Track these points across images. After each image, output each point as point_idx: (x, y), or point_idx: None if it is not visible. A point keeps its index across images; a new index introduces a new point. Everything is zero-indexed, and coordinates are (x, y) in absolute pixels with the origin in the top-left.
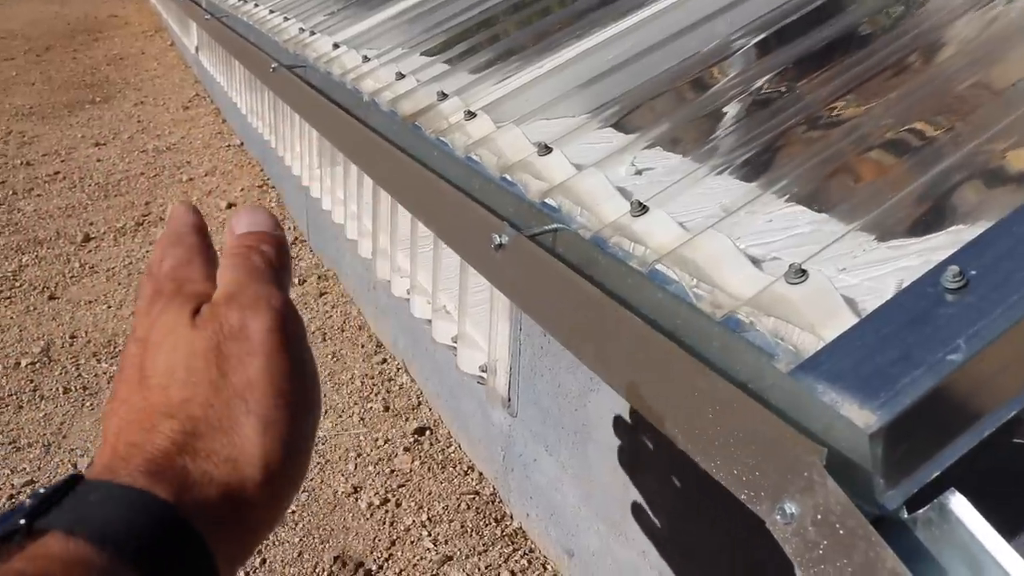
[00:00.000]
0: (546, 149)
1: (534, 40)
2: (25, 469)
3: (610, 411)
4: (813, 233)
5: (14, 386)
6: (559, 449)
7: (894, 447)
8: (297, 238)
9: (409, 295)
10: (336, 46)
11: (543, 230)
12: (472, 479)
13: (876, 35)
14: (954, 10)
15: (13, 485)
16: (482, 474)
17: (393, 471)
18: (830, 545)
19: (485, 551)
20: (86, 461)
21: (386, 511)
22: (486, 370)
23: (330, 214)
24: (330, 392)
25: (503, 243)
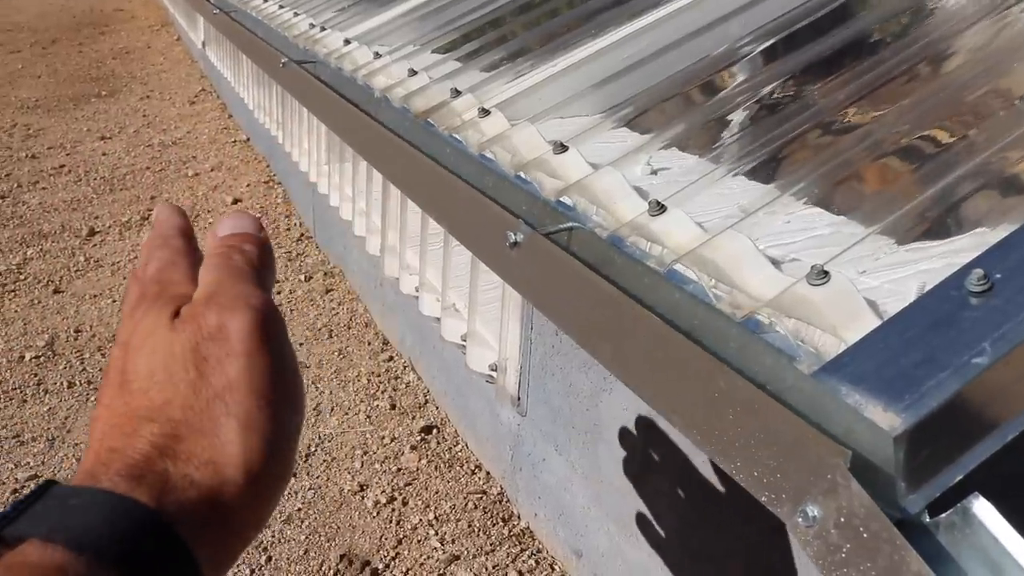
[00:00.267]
0: (562, 147)
1: (547, 39)
2: (29, 463)
3: (623, 411)
4: (832, 235)
5: (18, 380)
6: (569, 449)
7: (917, 450)
8: (303, 234)
9: (418, 292)
10: (347, 42)
11: (559, 228)
12: (479, 478)
13: (892, 40)
14: (968, 17)
15: (17, 479)
16: (489, 473)
17: (400, 469)
18: (853, 548)
19: (492, 551)
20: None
21: (393, 509)
22: (496, 369)
23: (338, 210)
24: (336, 389)
25: (518, 241)
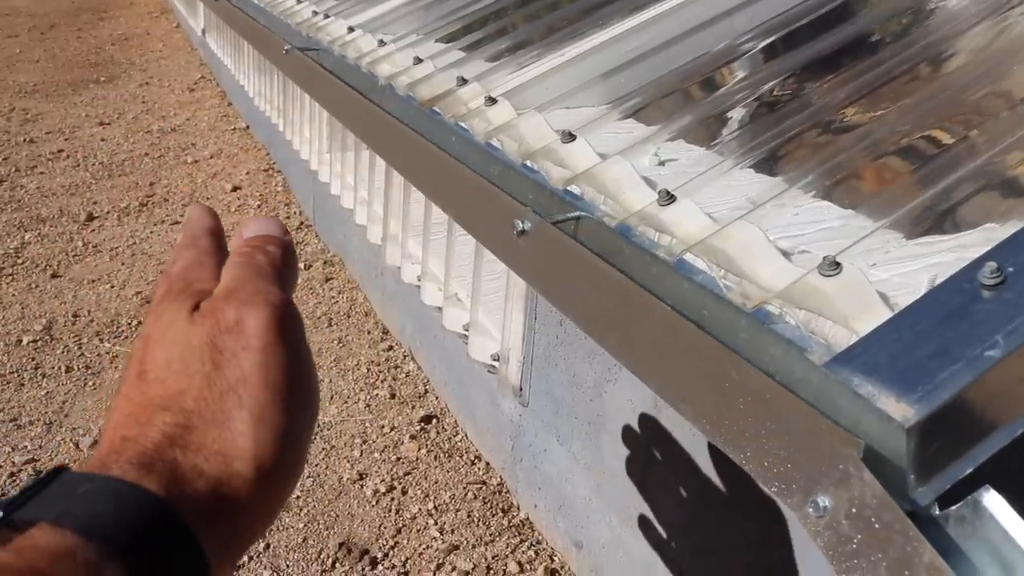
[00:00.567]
0: (570, 136)
1: (553, 29)
2: (27, 447)
3: (627, 402)
4: (842, 228)
5: (16, 364)
6: (571, 439)
7: (929, 442)
8: (303, 223)
9: (420, 282)
10: (351, 29)
11: (566, 217)
12: (479, 468)
13: (898, 37)
14: (978, 14)
15: (14, 463)
16: (489, 464)
17: (399, 459)
18: (864, 539)
19: (492, 541)
20: (88, 440)
21: (392, 499)
22: (498, 359)
23: (339, 199)
24: (336, 378)
25: (525, 229)
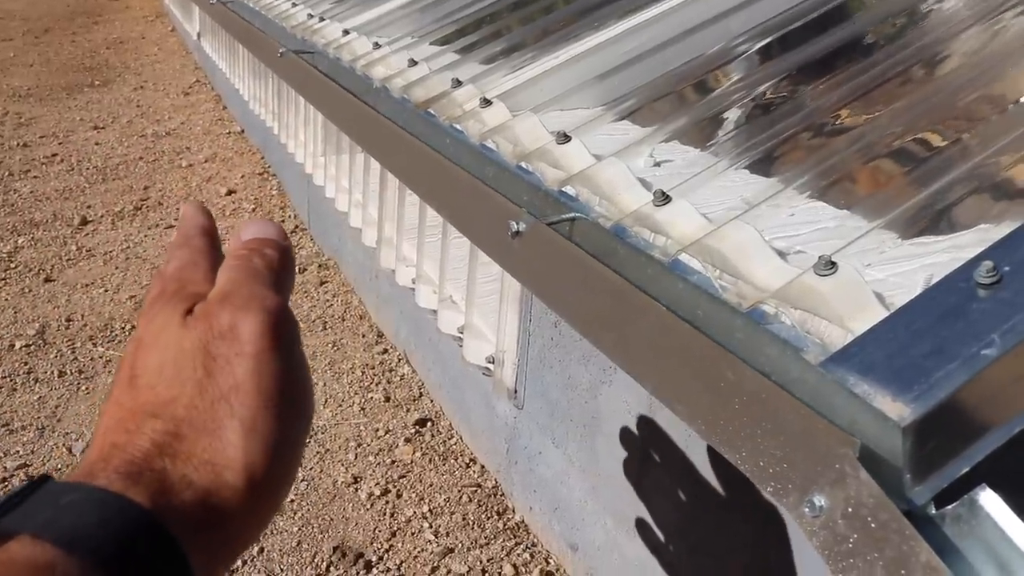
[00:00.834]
0: (565, 138)
1: (548, 31)
2: (19, 452)
3: (623, 404)
4: (837, 228)
5: (8, 368)
6: (567, 442)
7: (925, 441)
8: (298, 226)
9: (414, 285)
10: (346, 32)
11: (561, 219)
12: (474, 471)
13: (896, 35)
14: (972, 16)
15: (6, 468)
16: (484, 467)
17: (394, 462)
18: (861, 539)
19: (487, 544)
20: (80, 445)
21: (386, 502)
22: (493, 361)
23: (333, 202)
24: (330, 381)
25: (520, 231)
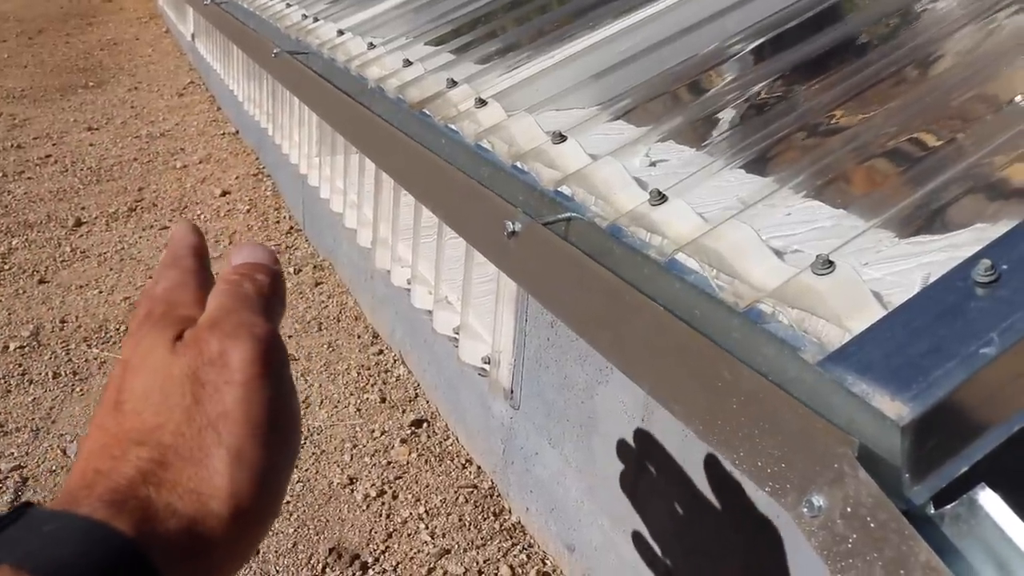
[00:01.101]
0: (560, 137)
1: (542, 31)
2: (13, 454)
3: (619, 403)
4: (834, 227)
5: (2, 370)
6: (563, 442)
7: (924, 440)
8: (292, 227)
9: (410, 285)
10: (340, 33)
11: (557, 218)
12: (470, 472)
13: (890, 35)
14: (965, 16)
15: (1, 470)
16: (480, 467)
17: (390, 463)
18: (860, 539)
19: (484, 545)
20: (75, 447)
21: (382, 503)
22: (489, 362)
23: (328, 203)
24: (325, 382)
25: (516, 231)
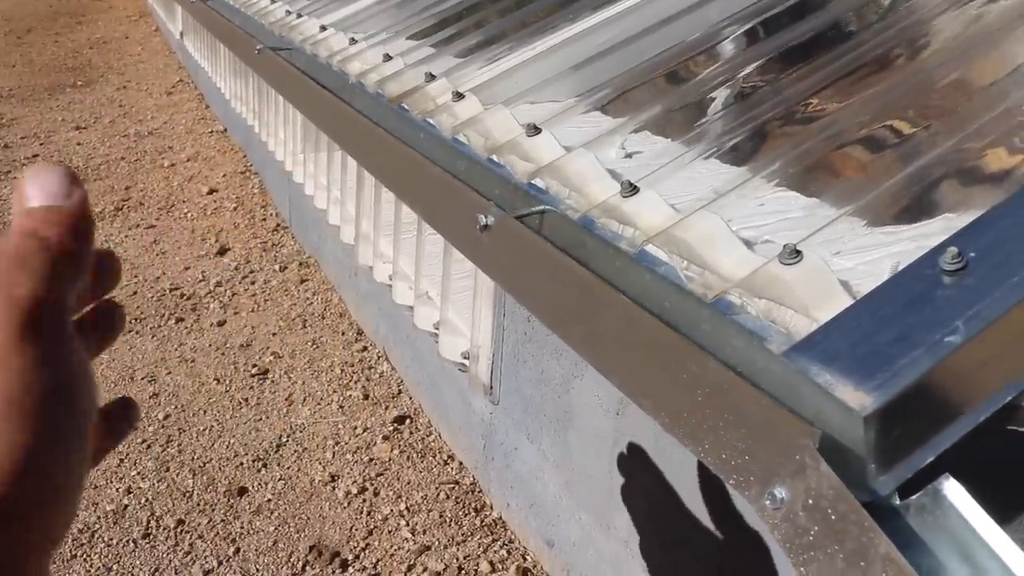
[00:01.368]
0: (535, 130)
1: (523, 24)
2: None
3: (594, 398)
4: (806, 217)
5: None
6: (541, 437)
7: (889, 430)
8: (279, 224)
9: (391, 281)
10: (323, 28)
11: (530, 211)
12: (452, 468)
13: (864, 28)
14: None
15: None
16: (462, 463)
17: (372, 460)
18: (821, 531)
19: (464, 541)
20: None
21: (364, 500)
22: (468, 357)
23: (313, 199)
24: (309, 380)
25: (488, 224)
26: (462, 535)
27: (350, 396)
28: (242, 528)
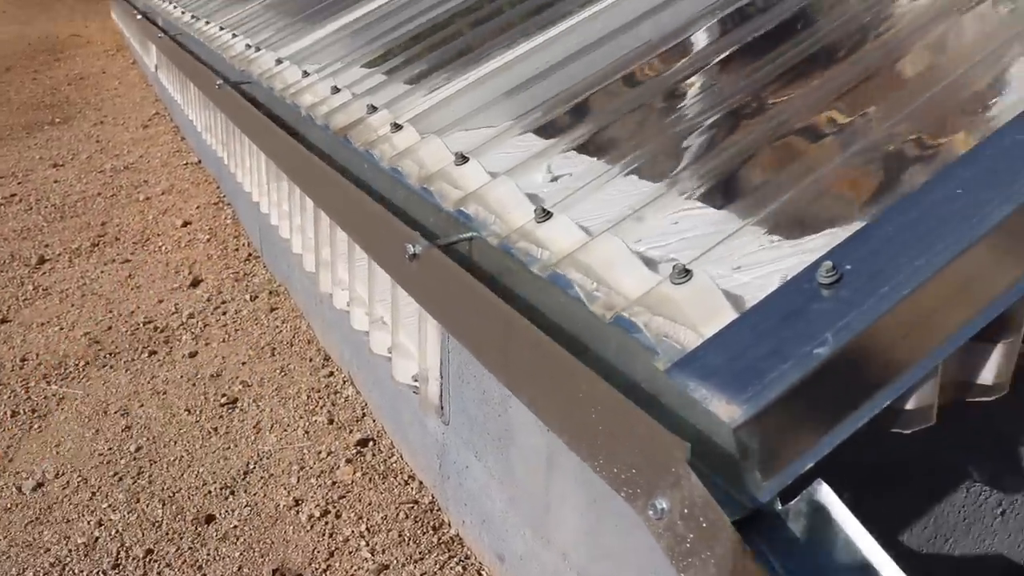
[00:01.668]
0: (463, 159)
1: (462, 51)
2: None
3: (530, 416)
4: (710, 234)
5: None
6: (487, 455)
7: (764, 440)
8: (251, 254)
9: (349, 307)
10: (279, 61)
11: (456, 239)
12: (412, 488)
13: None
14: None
15: None
16: (422, 483)
17: (335, 483)
18: (696, 538)
19: (421, 559)
20: (31, 483)
21: (326, 523)
22: (418, 379)
23: (278, 229)
24: (276, 407)
25: (416, 253)
26: (420, 553)
27: (315, 421)
28: (208, 555)
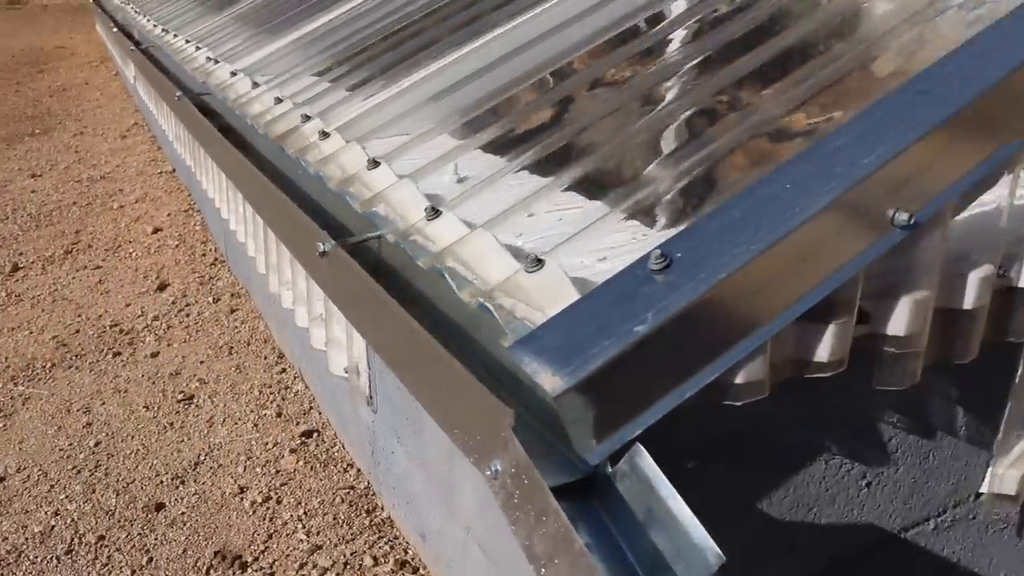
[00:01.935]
0: (374, 163)
1: (400, 60)
2: None
3: None
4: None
5: None
6: (407, 440)
7: (587, 408)
8: (217, 259)
9: (294, 306)
10: (233, 74)
11: (363, 238)
12: (351, 475)
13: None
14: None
15: None
16: (359, 470)
17: (278, 471)
18: (521, 495)
19: (353, 539)
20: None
21: (267, 508)
22: (349, 371)
23: (236, 233)
24: (230, 402)
25: (326, 251)
26: (351, 534)
27: (265, 415)
28: (156, 540)
